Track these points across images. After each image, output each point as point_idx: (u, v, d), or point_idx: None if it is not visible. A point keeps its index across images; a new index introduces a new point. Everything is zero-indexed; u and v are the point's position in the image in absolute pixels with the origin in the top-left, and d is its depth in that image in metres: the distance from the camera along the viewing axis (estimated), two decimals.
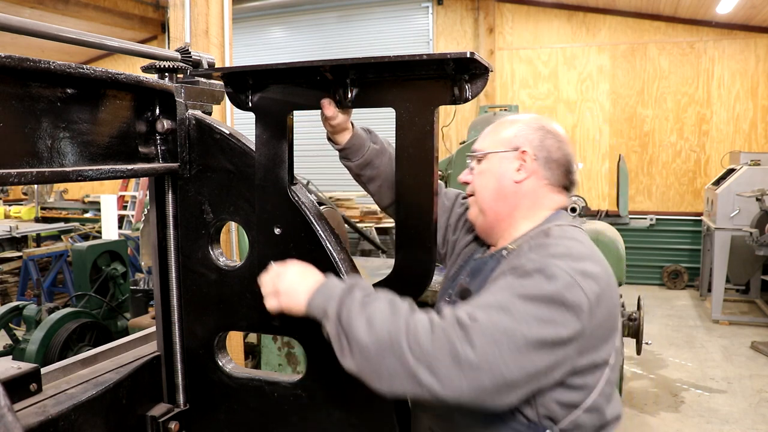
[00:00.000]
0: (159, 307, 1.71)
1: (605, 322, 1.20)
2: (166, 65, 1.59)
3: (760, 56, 8.15)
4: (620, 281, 3.96)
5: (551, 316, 1.11)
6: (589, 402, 1.22)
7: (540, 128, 1.39)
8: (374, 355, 1.12)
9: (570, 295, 1.13)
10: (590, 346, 1.18)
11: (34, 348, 4.18)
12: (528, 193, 1.37)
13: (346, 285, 1.25)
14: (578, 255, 1.22)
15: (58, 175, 1.30)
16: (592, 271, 1.19)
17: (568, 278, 1.14)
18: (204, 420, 1.71)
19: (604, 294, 1.18)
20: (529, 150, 1.36)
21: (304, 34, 10.20)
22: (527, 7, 9.00)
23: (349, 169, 1.66)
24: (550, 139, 1.38)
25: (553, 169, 1.37)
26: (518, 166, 1.37)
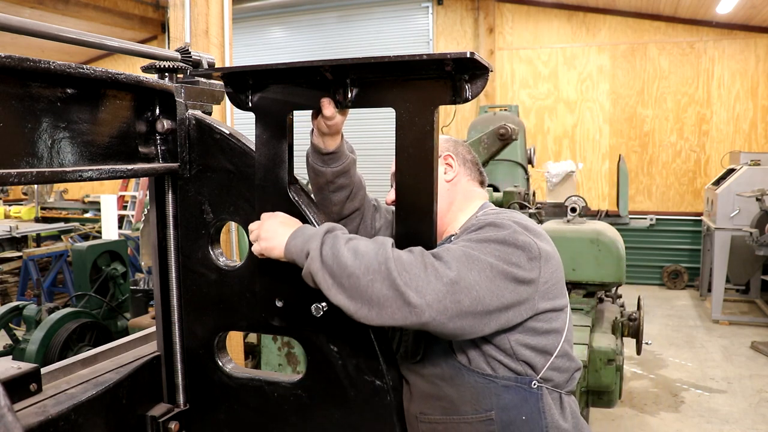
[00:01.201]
0: (159, 307, 1.71)
1: (557, 273, 1.38)
2: (166, 65, 1.59)
3: (760, 56, 8.15)
4: (620, 281, 3.96)
5: (507, 254, 1.27)
6: (559, 347, 1.39)
7: (448, 139, 1.65)
8: (364, 282, 1.20)
9: (521, 238, 1.30)
10: (549, 293, 1.34)
11: (34, 348, 4.19)
12: (458, 188, 1.58)
13: (325, 226, 1.33)
14: (519, 218, 1.41)
15: (58, 175, 1.30)
16: (534, 228, 1.38)
17: (516, 227, 1.32)
18: (204, 420, 1.71)
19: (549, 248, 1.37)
20: (450, 154, 1.58)
21: (304, 34, 10.20)
22: (527, 7, 9.00)
23: (321, 174, 1.59)
24: (459, 146, 1.64)
25: (470, 168, 1.62)
26: (445, 169, 1.57)
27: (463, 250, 1.26)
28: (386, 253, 1.22)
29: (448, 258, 1.24)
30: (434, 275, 1.20)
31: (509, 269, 1.26)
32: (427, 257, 1.24)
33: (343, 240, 1.27)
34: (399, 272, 1.19)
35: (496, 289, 1.24)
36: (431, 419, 1.42)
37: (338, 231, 1.33)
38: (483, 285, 1.22)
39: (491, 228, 1.33)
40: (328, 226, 1.33)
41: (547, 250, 1.35)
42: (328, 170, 1.58)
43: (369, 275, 1.20)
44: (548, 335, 1.37)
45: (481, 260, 1.25)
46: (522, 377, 1.36)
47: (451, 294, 1.19)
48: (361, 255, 1.22)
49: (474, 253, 1.26)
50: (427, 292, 1.18)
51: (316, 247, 1.27)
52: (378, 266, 1.20)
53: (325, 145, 1.55)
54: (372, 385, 1.49)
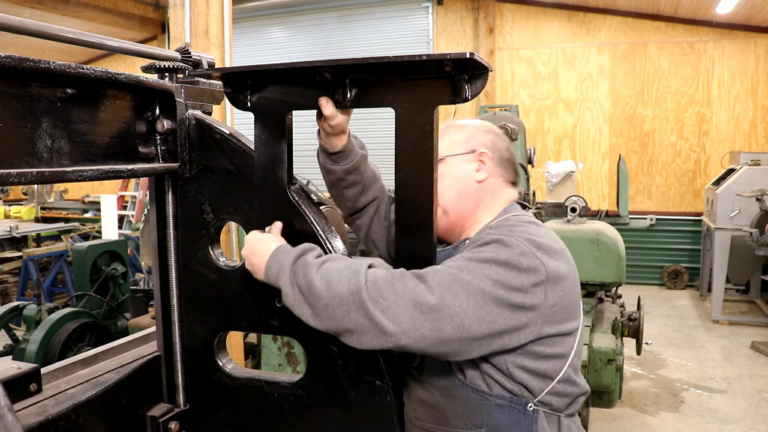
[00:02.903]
0: (159, 307, 1.71)
1: (569, 296, 1.28)
2: (166, 65, 1.59)
3: (760, 56, 8.15)
4: (620, 281, 3.96)
5: (507, 278, 1.19)
6: (562, 372, 1.30)
7: (489, 131, 1.50)
8: (340, 312, 1.18)
9: (526, 261, 1.21)
10: (555, 317, 1.25)
11: (34, 348, 4.19)
12: (488, 190, 1.46)
13: (295, 252, 1.30)
14: (536, 233, 1.31)
15: (58, 175, 1.30)
16: (550, 246, 1.28)
17: (523, 247, 1.23)
18: (204, 420, 1.71)
19: (564, 269, 1.28)
20: (487, 151, 1.46)
21: (304, 34, 10.20)
22: (527, 7, 9.00)
23: (332, 173, 1.59)
24: (499, 141, 1.50)
25: (506, 167, 1.49)
26: (477, 166, 1.46)
27: (454, 274, 1.19)
28: (358, 282, 1.17)
29: (432, 282, 1.18)
30: (412, 301, 1.15)
31: (506, 295, 1.18)
32: (408, 280, 1.18)
33: (314, 267, 1.24)
34: (374, 300, 1.15)
35: (486, 316, 1.17)
36: (424, 426, 1.41)
37: (308, 255, 1.28)
38: (470, 312, 1.16)
39: (497, 246, 1.24)
40: (297, 251, 1.30)
41: (559, 272, 1.26)
42: (338, 168, 1.58)
43: (344, 305, 1.17)
44: (550, 360, 1.29)
45: (471, 285, 1.17)
46: (517, 398, 1.29)
47: (430, 322, 1.14)
48: (333, 285, 1.19)
49: (465, 276, 1.19)
50: (403, 320, 1.14)
51: (286, 282, 1.26)
52: (350, 296, 1.16)
53: (332, 145, 1.54)
54: (372, 385, 1.49)
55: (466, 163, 1.46)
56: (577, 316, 1.33)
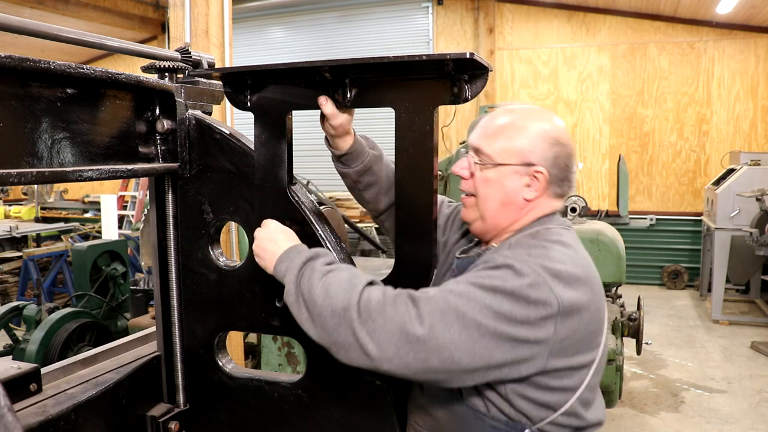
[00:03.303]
0: (159, 307, 1.71)
1: (587, 327, 1.18)
2: (166, 65, 1.59)
3: (760, 56, 8.15)
4: (620, 281, 3.96)
5: (511, 311, 1.11)
6: (566, 406, 1.22)
7: (555, 143, 1.31)
8: (331, 324, 1.17)
9: (535, 293, 1.12)
10: (567, 350, 1.17)
11: (34, 348, 4.18)
12: (533, 206, 1.34)
13: (307, 254, 1.30)
14: (556, 258, 1.19)
15: (58, 175, 1.30)
16: (570, 274, 1.17)
17: (536, 276, 1.14)
18: (204, 420, 1.71)
19: (583, 299, 1.17)
20: (544, 170, 1.30)
21: (304, 34, 10.20)
22: (527, 7, 9.00)
23: (346, 176, 1.59)
24: (563, 156, 1.32)
25: (562, 184, 1.35)
26: (529, 181, 1.32)
27: (450, 302, 1.12)
28: (351, 299, 1.15)
29: (425, 309, 1.12)
30: (400, 329, 1.11)
31: (506, 329, 1.11)
32: (399, 305, 1.13)
33: (318, 274, 1.23)
34: (363, 320, 1.13)
35: (481, 350, 1.10)
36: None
37: (318, 261, 1.27)
38: (462, 345, 1.10)
39: (507, 272, 1.15)
40: (310, 254, 1.30)
41: (576, 303, 1.16)
42: (350, 171, 1.57)
43: (335, 318, 1.16)
44: (555, 392, 1.21)
45: (467, 318, 1.11)
46: (514, 423, 1.23)
47: (416, 351, 1.10)
48: (331, 296, 1.18)
49: (462, 307, 1.12)
50: (387, 347, 1.11)
51: (291, 280, 1.26)
52: (342, 312, 1.15)
53: (338, 147, 1.54)
54: (372, 385, 1.49)
55: (518, 177, 1.32)
56: (595, 347, 1.23)
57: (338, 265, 1.28)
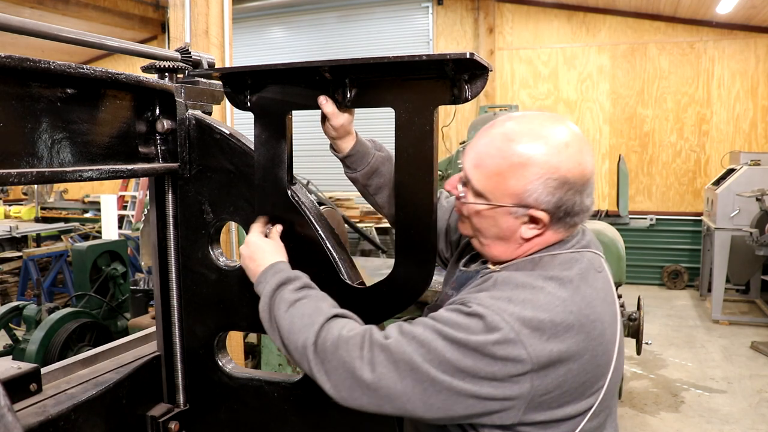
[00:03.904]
0: (159, 307, 1.71)
1: (577, 378, 1.07)
2: (166, 65, 1.59)
3: (760, 56, 8.15)
4: (620, 281, 3.96)
5: (474, 368, 1.02)
6: None
7: (560, 185, 1.11)
8: (297, 357, 1.19)
9: (502, 351, 1.01)
10: (551, 402, 1.06)
11: (34, 348, 4.18)
12: (537, 242, 1.18)
13: (278, 279, 1.30)
14: (542, 304, 1.06)
15: (58, 175, 1.30)
16: (556, 323, 1.04)
17: (508, 331, 1.02)
18: (204, 420, 1.71)
19: (572, 349, 1.05)
20: (543, 216, 1.13)
21: (304, 34, 10.20)
22: (527, 7, 9.00)
23: (355, 181, 1.57)
24: (570, 194, 1.12)
25: (572, 218, 1.16)
26: (527, 220, 1.15)
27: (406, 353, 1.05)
28: (308, 338, 1.15)
29: (378, 357, 1.07)
30: (350, 373, 1.08)
31: (467, 386, 1.02)
32: (353, 350, 1.09)
33: (285, 305, 1.24)
34: (319, 360, 1.13)
35: (438, 403, 1.04)
36: None
37: (287, 289, 1.27)
38: (415, 398, 1.04)
39: (477, 324, 1.04)
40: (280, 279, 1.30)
41: (561, 356, 1.04)
42: (358, 174, 1.55)
43: (298, 353, 1.18)
44: None
45: (421, 371, 1.03)
46: None
47: (368, 397, 1.07)
48: (293, 331, 1.19)
49: (418, 359, 1.04)
50: (341, 388, 1.10)
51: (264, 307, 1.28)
52: (302, 349, 1.16)
53: (340, 149, 1.53)
54: None
55: (514, 218, 1.15)
56: (591, 394, 1.10)
57: (306, 293, 1.27)
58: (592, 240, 1.26)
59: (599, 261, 1.22)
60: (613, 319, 1.15)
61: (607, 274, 1.22)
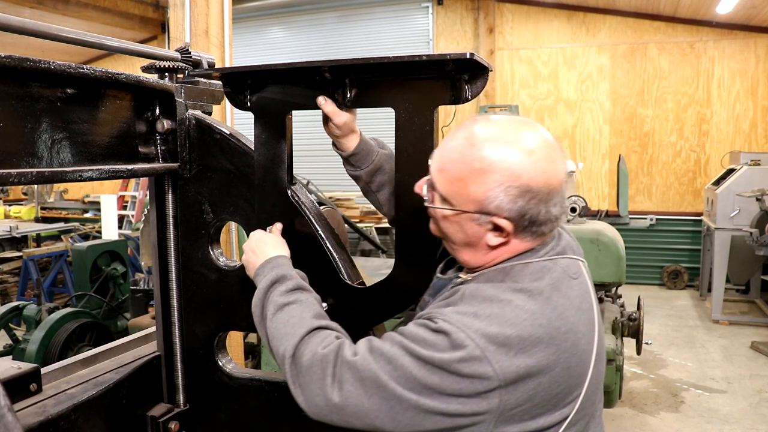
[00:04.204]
0: (159, 307, 1.71)
1: (549, 390, 1.05)
2: (166, 65, 1.59)
3: (760, 56, 8.15)
4: (620, 281, 3.96)
5: (441, 386, 1.02)
6: None
7: (522, 193, 1.07)
8: (277, 362, 1.21)
9: (467, 368, 1.01)
10: (523, 415, 1.05)
11: (34, 348, 4.18)
12: (505, 249, 1.16)
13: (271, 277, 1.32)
14: (510, 318, 1.04)
15: (58, 175, 1.30)
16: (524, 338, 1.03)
17: (473, 349, 1.01)
18: (204, 420, 1.71)
19: (541, 363, 1.03)
20: (506, 224, 1.10)
21: (304, 34, 10.20)
22: (527, 7, 9.00)
23: (358, 178, 1.56)
24: (533, 203, 1.09)
25: (538, 227, 1.12)
26: (492, 227, 1.12)
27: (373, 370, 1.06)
28: (287, 351, 1.16)
29: (345, 376, 1.08)
30: (320, 391, 1.10)
31: (434, 404, 1.02)
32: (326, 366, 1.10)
33: (273, 308, 1.26)
34: (294, 374, 1.15)
35: (407, 420, 1.04)
36: None
37: (276, 291, 1.29)
38: (383, 415, 1.05)
39: (442, 341, 1.03)
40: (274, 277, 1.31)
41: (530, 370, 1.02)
42: (361, 172, 1.55)
43: (278, 358, 1.21)
44: None
45: (388, 389, 1.04)
46: None
47: (337, 415, 1.09)
48: (276, 338, 1.21)
49: (384, 376, 1.04)
50: (313, 404, 1.12)
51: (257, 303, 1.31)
52: (282, 359, 1.19)
53: (344, 148, 1.53)
54: None
55: (477, 225, 1.13)
56: (565, 405, 1.08)
57: (296, 297, 1.27)
58: (568, 245, 1.22)
59: (576, 266, 1.18)
60: (588, 328, 1.13)
61: (584, 278, 1.18)
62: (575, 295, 1.13)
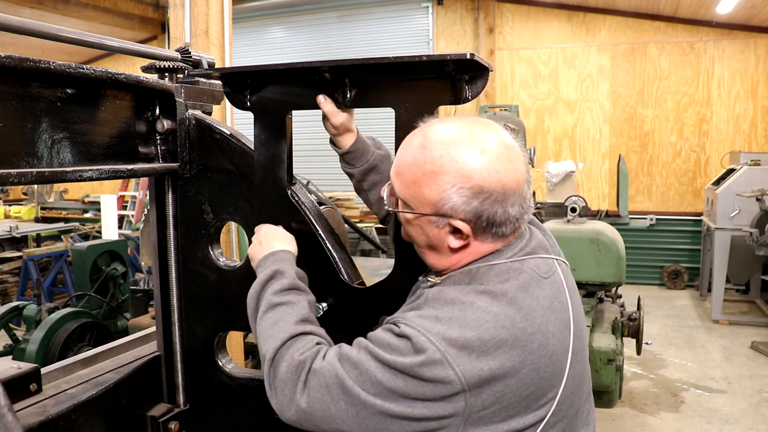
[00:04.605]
0: (159, 307, 1.71)
1: (518, 392, 1.04)
2: (166, 65, 1.59)
3: (760, 56, 8.15)
4: (620, 281, 3.96)
5: (405, 390, 1.02)
6: None
7: (475, 194, 1.07)
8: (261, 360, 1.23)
9: (429, 373, 1.00)
10: (493, 417, 1.04)
11: (34, 348, 4.18)
12: (468, 252, 1.15)
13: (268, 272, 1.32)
14: (472, 321, 1.03)
15: (58, 175, 1.30)
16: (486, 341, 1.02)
17: (434, 353, 1.01)
18: (204, 420, 1.71)
19: (506, 365, 1.02)
20: (463, 226, 1.10)
21: (304, 34, 10.21)
22: (527, 7, 9.00)
23: (352, 176, 1.58)
24: (488, 203, 1.08)
25: (497, 228, 1.11)
26: (450, 230, 1.12)
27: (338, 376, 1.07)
28: (268, 354, 1.18)
29: (312, 382, 1.09)
30: (290, 397, 1.12)
31: (399, 408, 1.02)
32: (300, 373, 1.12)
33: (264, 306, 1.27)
34: (272, 377, 1.17)
35: (373, 424, 1.05)
36: None
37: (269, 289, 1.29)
38: (350, 419, 1.06)
39: (405, 345, 1.04)
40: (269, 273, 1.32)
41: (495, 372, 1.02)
42: (355, 170, 1.57)
43: (261, 357, 1.22)
44: None
45: (353, 394, 1.05)
46: None
47: (305, 420, 1.11)
48: (263, 338, 1.23)
49: (349, 382, 1.05)
50: (284, 409, 1.14)
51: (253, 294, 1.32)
52: (263, 359, 1.20)
53: (340, 145, 1.55)
54: None
55: (437, 227, 1.13)
56: (539, 407, 1.07)
57: (287, 299, 1.27)
58: (540, 244, 1.20)
59: (548, 265, 1.16)
60: (561, 328, 1.11)
61: (557, 277, 1.17)
62: (545, 295, 1.11)
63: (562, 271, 1.20)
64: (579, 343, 1.15)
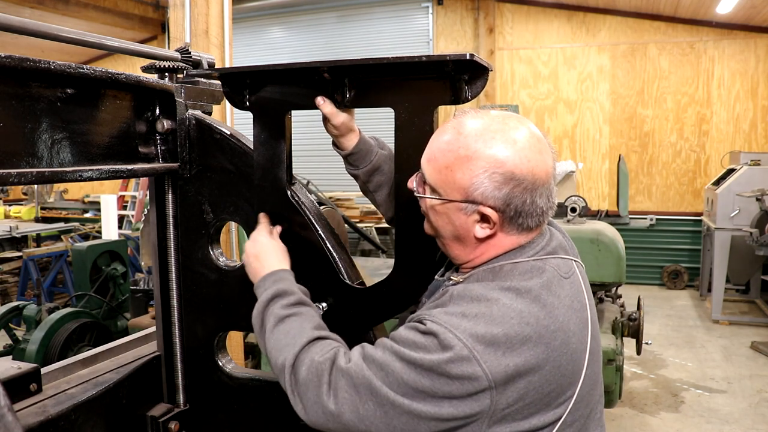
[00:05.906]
0: (159, 307, 1.71)
1: (541, 389, 1.05)
2: (166, 65, 1.59)
3: (760, 56, 8.15)
4: (620, 281, 3.96)
5: (432, 387, 1.02)
6: None
7: (507, 180, 1.09)
8: (276, 373, 1.23)
9: (457, 369, 1.01)
10: (515, 415, 1.05)
11: (34, 348, 4.18)
12: (492, 243, 1.17)
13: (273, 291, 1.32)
14: (498, 317, 1.04)
15: (58, 175, 1.30)
16: (511, 337, 1.03)
17: (461, 349, 1.01)
18: (204, 420, 1.71)
19: (531, 362, 1.03)
20: (492, 213, 1.11)
21: (304, 34, 10.21)
22: (527, 7, 9.00)
23: (356, 177, 1.57)
24: (518, 191, 1.10)
25: (524, 219, 1.13)
26: (478, 218, 1.14)
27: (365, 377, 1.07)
28: (285, 361, 1.18)
29: (339, 384, 1.09)
30: (317, 401, 1.11)
31: (427, 408, 1.02)
32: (321, 375, 1.12)
33: (273, 320, 1.27)
34: (293, 383, 1.16)
35: (401, 425, 1.05)
36: None
37: (277, 304, 1.29)
38: (378, 421, 1.06)
39: (431, 342, 1.04)
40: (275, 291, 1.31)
41: (520, 369, 1.02)
42: (359, 171, 1.56)
43: (277, 370, 1.22)
44: None
45: (381, 394, 1.05)
46: None
47: (334, 423, 1.10)
48: (276, 349, 1.22)
49: (377, 383, 1.05)
50: (312, 413, 1.13)
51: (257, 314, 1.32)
52: (281, 370, 1.20)
53: (343, 147, 1.54)
54: None
55: (465, 215, 1.14)
56: (559, 404, 1.08)
57: (296, 310, 1.28)
58: (560, 245, 1.22)
59: (567, 266, 1.18)
60: (581, 327, 1.13)
61: (576, 278, 1.18)
62: (566, 294, 1.13)
63: (580, 273, 1.22)
64: (595, 343, 1.17)
